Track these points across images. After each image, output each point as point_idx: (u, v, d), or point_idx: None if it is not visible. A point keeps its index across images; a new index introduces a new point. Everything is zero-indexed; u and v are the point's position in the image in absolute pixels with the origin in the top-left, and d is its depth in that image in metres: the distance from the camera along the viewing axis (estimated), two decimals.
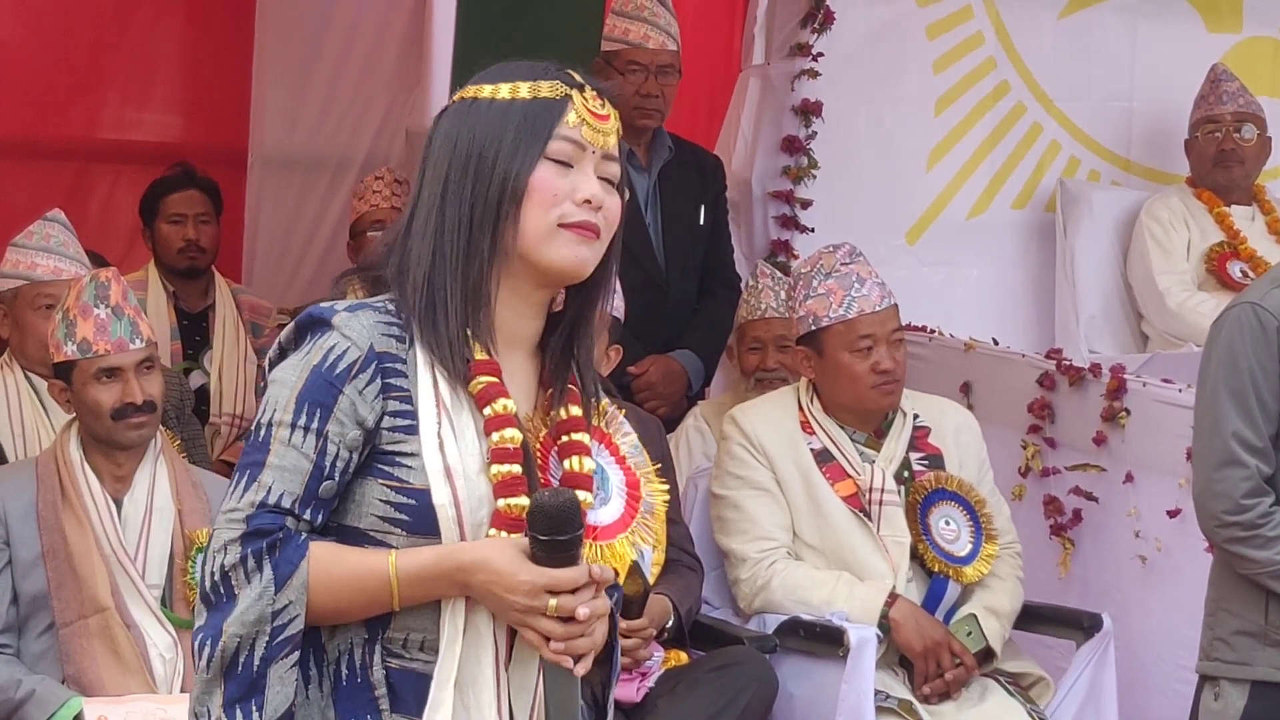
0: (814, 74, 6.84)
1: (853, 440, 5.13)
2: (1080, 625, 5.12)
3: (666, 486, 2.72)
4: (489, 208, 2.52)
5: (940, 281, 7.10)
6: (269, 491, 2.47)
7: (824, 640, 4.87)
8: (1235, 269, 6.83)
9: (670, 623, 4.88)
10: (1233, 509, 4.18)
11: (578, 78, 2.58)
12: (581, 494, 2.52)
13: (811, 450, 5.10)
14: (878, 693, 4.81)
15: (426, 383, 2.50)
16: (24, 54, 6.68)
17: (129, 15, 6.94)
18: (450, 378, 2.51)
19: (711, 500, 5.21)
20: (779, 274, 6.06)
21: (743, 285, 6.19)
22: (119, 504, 4.63)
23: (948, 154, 7.20)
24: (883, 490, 5.04)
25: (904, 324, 5.27)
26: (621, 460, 2.66)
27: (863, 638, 4.79)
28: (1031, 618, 5.19)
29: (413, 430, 2.48)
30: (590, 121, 2.55)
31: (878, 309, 5.10)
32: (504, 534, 2.48)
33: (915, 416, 5.19)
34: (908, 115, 7.13)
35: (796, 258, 6.61)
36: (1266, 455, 4.18)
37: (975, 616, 5.00)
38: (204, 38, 7.09)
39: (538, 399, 2.62)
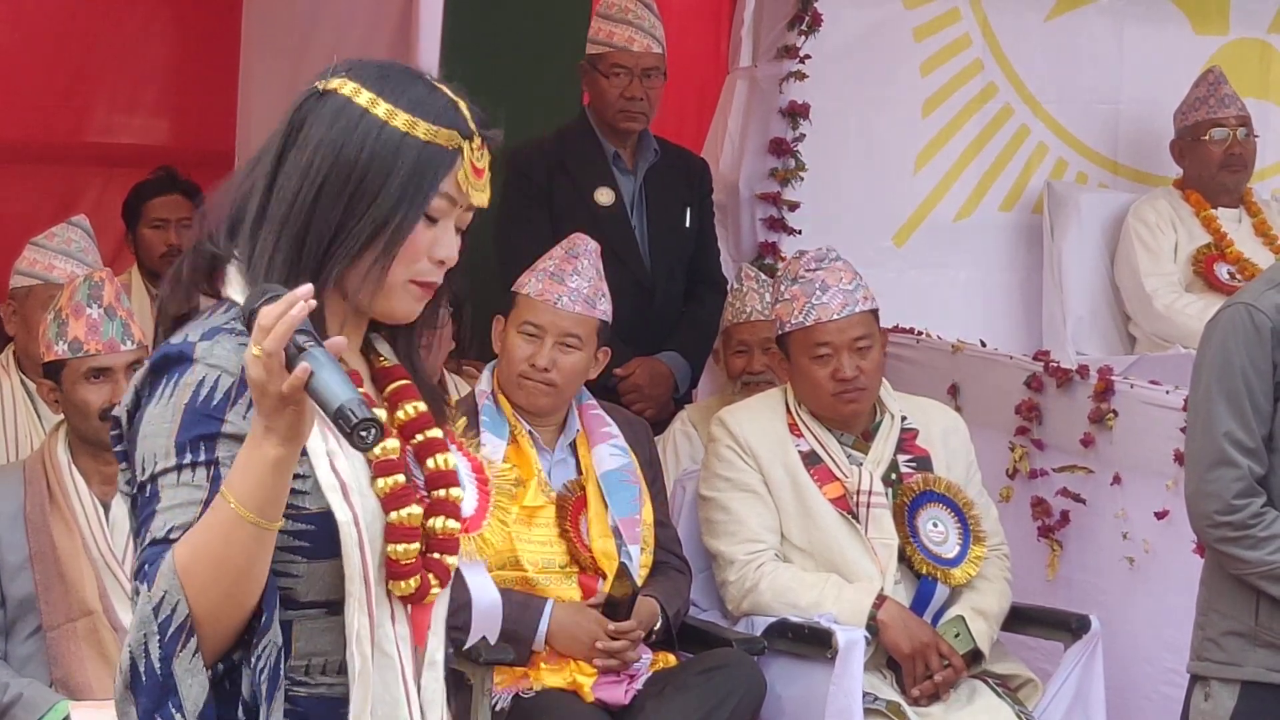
0: (801, 76, 6.82)
1: (840, 442, 5.13)
2: (1068, 627, 5.12)
3: (509, 466, 2.68)
4: (353, 242, 2.42)
5: (928, 283, 7.10)
6: (152, 532, 2.33)
7: (812, 642, 4.87)
8: (1222, 271, 6.84)
9: (658, 625, 4.88)
10: (1224, 509, 4.18)
11: (471, 123, 2.48)
12: (454, 491, 2.49)
13: (799, 452, 5.10)
14: (866, 694, 4.81)
15: None
16: (13, 59, 6.65)
17: (117, 20, 6.93)
18: None
19: (699, 502, 5.21)
20: (764, 276, 6.05)
21: (728, 288, 6.19)
22: (107, 507, 4.61)
23: (935, 156, 7.20)
24: (870, 492, 5.04)
25: (892, 326, 5.27)
26: (461, 447, 2.59)
27: (851, 639, 4.79)
28: (1019, 619, 5.19)
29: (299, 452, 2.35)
30: (471, 179, 2.47)
31: (836, 318, 5.08)
32: (398, 547, 2.41)
33: (903, 419, 5.19)
34: (895, 117, 7.13)
35: (784, 260, 6.61)
36: (1259, 456, 4.18)
37: (963, 618, 5.00)
38: (191, 42, 7.07)
39: (375, 401, 2.53)
